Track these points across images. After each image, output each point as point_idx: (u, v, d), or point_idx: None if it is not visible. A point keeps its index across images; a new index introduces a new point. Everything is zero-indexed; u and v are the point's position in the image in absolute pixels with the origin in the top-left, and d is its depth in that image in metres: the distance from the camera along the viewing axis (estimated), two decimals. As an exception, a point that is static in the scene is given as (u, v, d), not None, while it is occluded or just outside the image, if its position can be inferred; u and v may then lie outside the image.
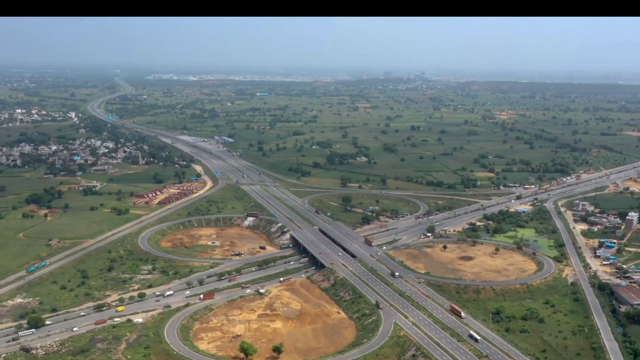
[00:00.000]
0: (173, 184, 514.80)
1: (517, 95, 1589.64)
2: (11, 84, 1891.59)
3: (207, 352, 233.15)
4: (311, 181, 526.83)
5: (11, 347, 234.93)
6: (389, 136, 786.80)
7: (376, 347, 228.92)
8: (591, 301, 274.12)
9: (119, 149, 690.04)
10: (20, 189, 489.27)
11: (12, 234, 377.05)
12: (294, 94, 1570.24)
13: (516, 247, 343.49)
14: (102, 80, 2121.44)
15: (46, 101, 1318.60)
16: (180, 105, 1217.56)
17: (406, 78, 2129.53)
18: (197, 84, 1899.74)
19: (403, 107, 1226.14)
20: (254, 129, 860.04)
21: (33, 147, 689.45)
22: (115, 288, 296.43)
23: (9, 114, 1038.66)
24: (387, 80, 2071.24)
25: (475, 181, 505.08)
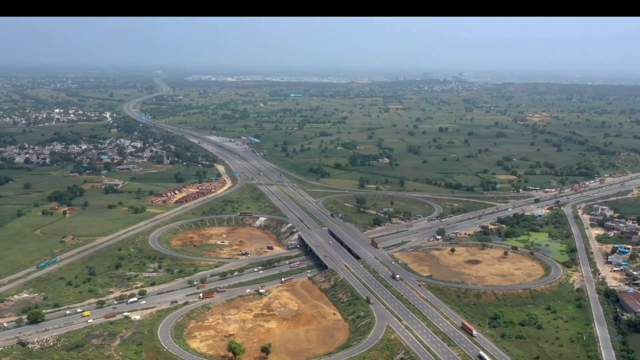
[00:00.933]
0: (193, 183, 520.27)
1: (554, 97, 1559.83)
2: (55, 84, 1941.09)
3: (198, 350, 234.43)
4: (330, 182, 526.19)
5: (9, 341, 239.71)
6: (416, 138, 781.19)
7: (364, 349, 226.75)
8: (595, 308, 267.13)
9: (146, 148, 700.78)
10: (45, 187, 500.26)
11: (30, 231, 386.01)
12: (327, 95, 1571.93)
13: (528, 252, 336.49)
14: (142, 81, 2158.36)
15: (85, 101, 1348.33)
16: (213, 106, 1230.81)
17: (442, 79, 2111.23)
18: (234, 85, 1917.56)
19: (435, 108, 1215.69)
20: (281, 130, 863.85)
21: (64, 146, 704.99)
22: (119, 285, 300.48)
23: (47, 113, 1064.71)
24: (424, 81, 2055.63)
25: (495, 184, 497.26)
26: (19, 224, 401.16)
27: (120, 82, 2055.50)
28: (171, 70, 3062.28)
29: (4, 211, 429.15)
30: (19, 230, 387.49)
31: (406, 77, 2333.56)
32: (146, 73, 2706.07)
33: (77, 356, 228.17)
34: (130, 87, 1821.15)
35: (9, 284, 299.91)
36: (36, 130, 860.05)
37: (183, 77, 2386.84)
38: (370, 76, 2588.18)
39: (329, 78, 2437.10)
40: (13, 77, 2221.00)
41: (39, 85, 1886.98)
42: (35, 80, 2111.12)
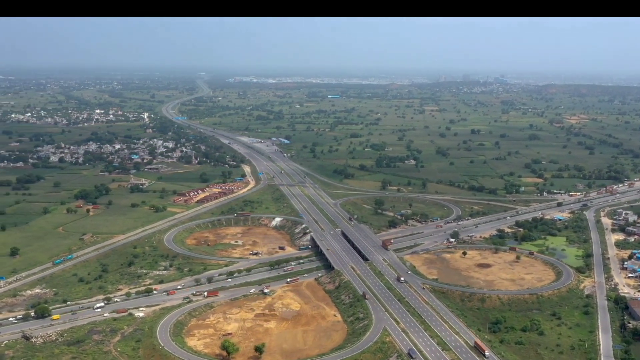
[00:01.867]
0: (216, 183, 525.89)
1: (595, 99, 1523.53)
2: (100, 85, 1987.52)
3: (194, 348, 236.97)
4: (353, 183, 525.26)
5: (14, 334, 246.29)
6: (446, 139, 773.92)
7: (357, 351, 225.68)
8: (602, 315, 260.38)
9: (176, 148, 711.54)
10: (74, 186, 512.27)
11: (52, 228, 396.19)
12: (364, 96, 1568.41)
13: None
14: (184, 82, 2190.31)
15: (126, 102, 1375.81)
16: (249, 107, 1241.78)
17: (483, 81, 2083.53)
18: (273, 87, 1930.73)
19: (471, 110, 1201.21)
20: (313, 131, 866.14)
21: (98, 146, 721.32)
22: (129, 282, 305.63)
23: (88, 114, 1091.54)
24: (464, 83, 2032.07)
25: (519, 187, 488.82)
26: (44, 221, 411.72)
27: (164, 84, 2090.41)
28: (214, 72, 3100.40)
29: (31, 209, 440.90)
30: (42, 227, 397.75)
31: (447, 78, 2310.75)
32: (190, 75, 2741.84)
33: (77, 351, 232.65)
34: (172, 89, 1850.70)
35: (25, 279, 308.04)
36: (75, 130, 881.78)
37: (225, 79, 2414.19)
38: (411, 78, 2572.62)
39: (369, 80, 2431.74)
40: (61, 79, 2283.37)
41: (85, 86, 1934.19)
42: (82, 81, 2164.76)
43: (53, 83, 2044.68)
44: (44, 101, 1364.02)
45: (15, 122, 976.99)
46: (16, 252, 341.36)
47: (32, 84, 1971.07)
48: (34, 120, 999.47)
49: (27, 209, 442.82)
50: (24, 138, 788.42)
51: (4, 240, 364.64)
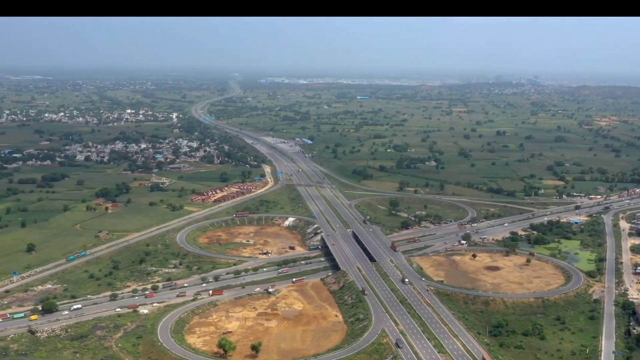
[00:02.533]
0: (235, 183, 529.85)
1: (629, 101, 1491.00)
2: (134, 85, 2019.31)
3: (193, 345, 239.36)
4: (371, 184, 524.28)
5: (21, 328, 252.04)
6: (470, 141, 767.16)
7: (352, 352, 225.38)
8: (607, 321, 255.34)
9: (200, 148, 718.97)
10: (96, 184, 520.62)
11: (70, 225, 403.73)
12: (394, 97, 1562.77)
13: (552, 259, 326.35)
14: (216, 83, 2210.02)
15: (158, 102, 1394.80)
16: (277, 108, 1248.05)
17: (515, 82, 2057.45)
18: (304, 87, 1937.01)
19: (499, 111, 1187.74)
20: (337, 132, 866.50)
21: (124, 145, 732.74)
22: (137, 279, 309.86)
23: (119, 113, 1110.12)
24: (496, 84, 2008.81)
25: (538, 189, 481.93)
26: (63, 218, 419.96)
27: (196, 84, 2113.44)
28: (247, 73, 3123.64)
29: (52, 206, 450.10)
30: (61, 224, 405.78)
31: (479, 79, 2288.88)
32: (223, 75, 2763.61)
33: (79, 346, 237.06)
34: (204, 89, 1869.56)
35: (37, 274, 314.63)
36: (104, 129, 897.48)
37: (257, 80, 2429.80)
38: (443, 79, 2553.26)
39: (401, 80, 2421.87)
40: (97, 79, 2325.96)
41: (119, 87, 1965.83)
42: (118, 82, 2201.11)
43: (89, 83, 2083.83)
44: (78, 101, 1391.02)
45: (48, 121, 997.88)
46: (32, 248, 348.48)
47: (68, 84, 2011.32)
48: (65, 120, 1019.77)
49: (48, 206, 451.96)
50: (54, 137, 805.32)
51: (23, 236, 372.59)
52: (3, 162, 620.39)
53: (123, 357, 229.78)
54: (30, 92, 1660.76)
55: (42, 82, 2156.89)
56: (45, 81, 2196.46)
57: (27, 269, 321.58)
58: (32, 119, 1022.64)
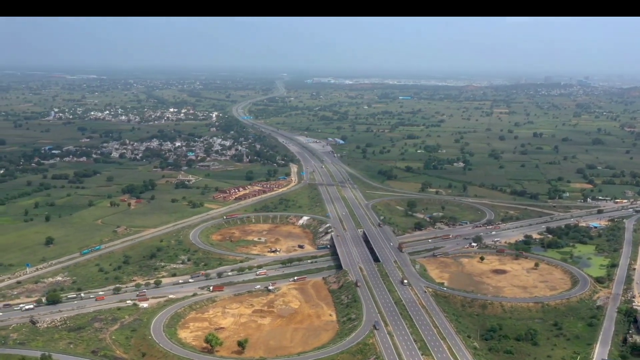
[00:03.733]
0: (259, 181, 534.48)
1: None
2: (182, 85, 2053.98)
3: (184, 340, 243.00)
4: (395, 185, 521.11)
5: (24, 318, 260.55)
6: (505, 142, 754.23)
7: (336, 351, 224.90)
8: (606, 328, 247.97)
9: (232, 147, 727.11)
10: (125, 180, 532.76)
11: (92, 220, 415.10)
12: (436, 98, 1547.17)
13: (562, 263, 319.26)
14: (263, 82, 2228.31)
15: (202, 102, 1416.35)
16: (317, 108, 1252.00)
17: (563, 83, 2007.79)
18: (348, 87, 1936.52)
19: (541, 113, 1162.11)
20: (372, 132, 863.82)
21: (159, 143, 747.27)
22: (144, 274, 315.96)
23: (161, 112, 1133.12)
24: (543, 85, 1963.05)
25: (562, 192, 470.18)
26: (87, 213, 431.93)
27: (243, 84, 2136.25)
28: (296, 73, 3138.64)
29: (78, 201, 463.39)
30: (83, 219, 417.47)
31: (527, 80, 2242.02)
32: (271, 75, 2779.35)
33: (75, 337, 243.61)
34: (249, 89, 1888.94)
35: (50, 267, 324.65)
36: (144, 127, 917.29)
37: (304, 80, 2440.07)
38: (491, 79, 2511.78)
39: (447, 81, 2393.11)
40: (148, 79, 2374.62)
41: (168, 86, 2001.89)
42: (167, 81, 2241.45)
43: (140, 83, 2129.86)
44: (126, 100, 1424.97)
45: (93, 119, 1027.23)
46: (51, 242, 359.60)
47: (120, 84, 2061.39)
48: (109, 118, 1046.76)
49: (75, 201, 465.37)
50: (95, 134, 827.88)
51: (44, 230, 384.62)
52: (41, 158, 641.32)
53: (114, 349, 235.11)
54: (82, 90, 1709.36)
55: (95, 81, 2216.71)
56: (98, 80, 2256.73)
57: (42, 261, 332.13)
58: (78, 117, 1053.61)
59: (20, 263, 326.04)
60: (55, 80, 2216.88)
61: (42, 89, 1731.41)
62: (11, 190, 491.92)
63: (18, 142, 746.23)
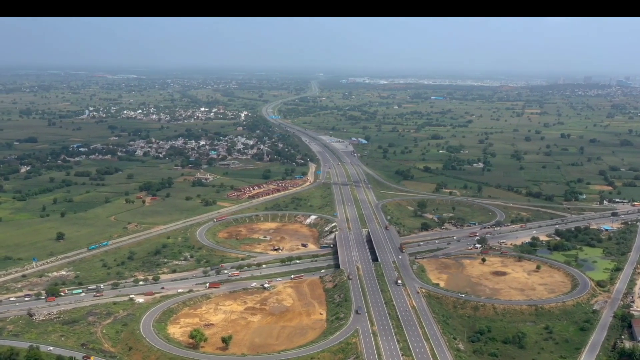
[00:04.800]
0: (275, 180, 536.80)
1: None
2: (218, 85, 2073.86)
3: (172, 335, 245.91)
4: (410, 185, 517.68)
5: (22, 311, 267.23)
6: (530, 143, 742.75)
7: (317, 350, 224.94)
8: (598, 332, 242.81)
9: (255, 146, 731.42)
10: (145, 178, 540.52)
11: (106, 216, 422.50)
12: (469, 98, 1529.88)
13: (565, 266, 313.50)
14: (299, 82, 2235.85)
15: (234, 101, 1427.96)
16: (347, 107, 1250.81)
17: (602, 84, 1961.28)
18: (381, 87, 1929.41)
19: (574, 114, 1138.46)
20: (397, 132, 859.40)
21: (183, 142, 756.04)
22: (145, 270, 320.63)
23: (192, 111, 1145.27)
24: (582, 85, 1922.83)
25: (578, 194, 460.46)
26: (101, 210, 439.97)
27: (277, 84, 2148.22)
28: (332, 73, 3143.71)
29: (96, 198, 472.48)
30: (97, 215, 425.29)
31: (566, 80, 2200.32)
32: (308, 75, 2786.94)
33: (68, 330, 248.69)
34: (283, 89, 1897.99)
35: (57, 261, 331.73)
36: (173, 126, 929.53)
37: (339, 80, 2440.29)
38: (528, 79, 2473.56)
39: (484, 81, 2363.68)
40: (186, 78, 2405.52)
41: (204, 86, 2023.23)
42: (204, 81, 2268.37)
43: (177, 82, 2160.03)
44: (160, 99, 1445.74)
45: (125, 118, 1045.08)
46: (61, 237, 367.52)
47: (157, 83, 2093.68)
48: (141, 117, 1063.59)
49: (92, 198, 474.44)
50: (124, 133, 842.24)
51: (58, 225, 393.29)
52: (68, 155, 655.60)
53: (103, 342, 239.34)
54: (120, 90, 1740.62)
55: (134, 81, 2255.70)
56: (137, 80, 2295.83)
57: (50, 256, 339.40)
58: (111, 115, 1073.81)
59: (30, 257, 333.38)
60: (96, 79, 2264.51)
61: (81, 89, 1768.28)
62: (33, 187, 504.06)
63: (49, 140, 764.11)
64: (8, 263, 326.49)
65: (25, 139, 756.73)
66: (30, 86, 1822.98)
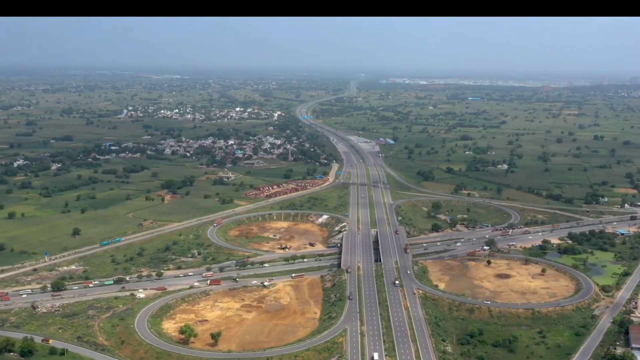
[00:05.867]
0: (296, 179, 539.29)
1: None
2: (257, 85, 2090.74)
3: (166, 330, 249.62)
4: (429, 186, 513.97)
5: (27, 303, 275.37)
6: (561, 145, 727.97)
7: (302, 348, 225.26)
8: (593, 338, 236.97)
9: (281, 145, 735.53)
10: (169, 176, 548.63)
11: (124, 213, 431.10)
12: (506, 99, 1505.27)
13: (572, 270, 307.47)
14: (338, 83, 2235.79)
15: (270, 101, 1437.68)
16: (381, 108, 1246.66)
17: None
18: (420, 88, 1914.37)
19: (612, 115, 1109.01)
20: (427, 133, 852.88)
21: (212, 141, 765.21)
22: (152, 265, 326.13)
23: (227, 111, 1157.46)
24: (626, 86, 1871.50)
25: (600, 197, 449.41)
26: (121, 207, 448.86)
27: (317, 84, 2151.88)
28: (374, 73, 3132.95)
29: (118, 195, 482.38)
30: (116, 212, 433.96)
31: (610, 81, 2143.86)
32: (349, 76, 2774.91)
33: (67, 323, 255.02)
34: (321, 89, 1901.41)
35: (69, 256, 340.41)
36: (205, 126, 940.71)
37: (379, 80, 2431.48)
38: (571, 80, 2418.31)
39: (526, 82, 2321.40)
40: (227, 78, 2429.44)
41: (243, 86, 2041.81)
42: (245, 81, 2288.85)
43: (218, 83, 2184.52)
44: (199, 99, 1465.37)
45: (161, 117, 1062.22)
46: (77, 233, 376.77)
47: (199, 83, 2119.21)
48: (176, 117, 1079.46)
49: (115, 195, 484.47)
50: (157, 132, 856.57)
51: (76, 221, 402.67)
52: (99, 153, 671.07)
53: (98, 336, 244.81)
54: (162, 90, 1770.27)
55: (177, 81, 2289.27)
56: (180, 80, 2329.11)
57: (63, 250, 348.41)
58: (148, 115, 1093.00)
59: (42, 251, 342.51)
60: (141, 80, 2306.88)
61: (125, 89, 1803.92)
62: (60, 184, 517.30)
63: (84, 138, 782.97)
64: (23, 257, 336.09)
65: (61, 138, 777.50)
66: (77, 86, 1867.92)
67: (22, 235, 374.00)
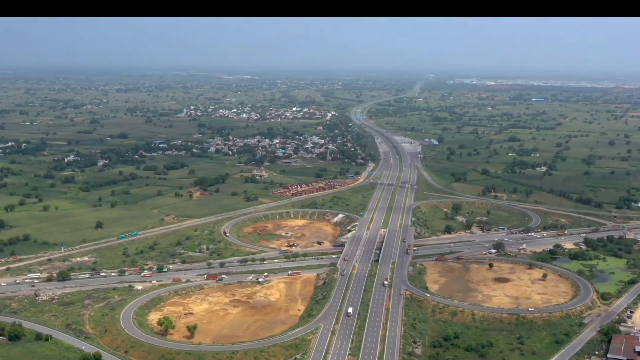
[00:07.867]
0: (326, 179, 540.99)
1: None
2: (322, 85, 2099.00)
3: (150, 322, 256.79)
4: (459, 188, 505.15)
5: (30, 291, 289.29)
6: (613, 148, 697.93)
7: (269, 344, 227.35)
8: (572, 346, 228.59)
9: (323, 145, 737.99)
10: (205, 174, 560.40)
11: (150, 209, 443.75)
12: (572, 100, 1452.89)
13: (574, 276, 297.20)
14: (403, 83, 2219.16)
15: (330, 101, 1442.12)
16: (438, 109, 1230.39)
17: None
18: (485, 89, 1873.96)
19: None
20: (476, 134, 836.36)
21: (257, 140, 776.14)
22: (159, 259, 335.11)
23: (283, 111, 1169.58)
24: None
25: (633, 202, 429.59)
26: (150, 202, 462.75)
27: (381, 85, 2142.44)
28: (443, 73, 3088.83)
29: (150, 191, 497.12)
30: (143, 207, 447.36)
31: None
32: (417, 76, 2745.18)
33: (62, 311, 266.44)
34: (384, 89, 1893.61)
35: (84, 248, 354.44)
36: (257, 125, 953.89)
37: (446, 81, 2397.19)
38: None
39: (600, 83, 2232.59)
40: (295, 79, 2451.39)
41: (308, 86, 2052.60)
42: (312, 81, 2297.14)
43: (285, 83, 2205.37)
44: (261, 99, 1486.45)
45: (218, 117, 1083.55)
46: (100, 226, 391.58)
47: (266, 84, 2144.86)
48: (232, 116, 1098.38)
49: (147, 191, 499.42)
50: (208, 131, 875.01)
51: (104, 215, 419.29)
52: (146, 150, 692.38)
53: (86, 324, 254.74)
54: (228, 90, 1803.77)
55: (246, 81, 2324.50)
56: (249, 80, 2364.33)
57: (82, 242, 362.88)
58: (206, 114, 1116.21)
59: (59, 242, 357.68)
60: (212, 80, 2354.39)
61: (193, 88, 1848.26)
62: (102, 179, 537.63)
63: (139, 136, 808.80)
64: (43, 247, 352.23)
65: (117, 135, 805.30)
66: (149, 86, 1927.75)
67: (48, 227, 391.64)
